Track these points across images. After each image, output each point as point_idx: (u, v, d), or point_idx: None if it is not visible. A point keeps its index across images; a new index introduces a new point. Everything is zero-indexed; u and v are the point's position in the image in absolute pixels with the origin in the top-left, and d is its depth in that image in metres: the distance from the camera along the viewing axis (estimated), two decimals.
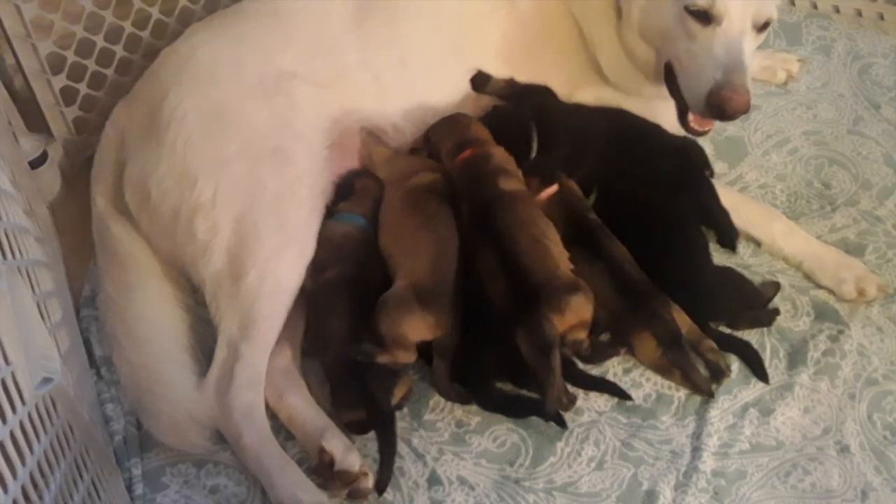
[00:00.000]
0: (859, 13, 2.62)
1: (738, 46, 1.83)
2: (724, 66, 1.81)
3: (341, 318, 1.76)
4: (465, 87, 2.13)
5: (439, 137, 2.03)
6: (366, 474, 1.66)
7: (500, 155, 1.97)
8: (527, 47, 2.14)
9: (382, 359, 1.69)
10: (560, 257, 1.79)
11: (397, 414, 1.75)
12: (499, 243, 1.78)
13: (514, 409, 1.77)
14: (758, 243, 2.05)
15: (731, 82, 1.80)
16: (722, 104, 1.81)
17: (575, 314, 1.69)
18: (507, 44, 2.14)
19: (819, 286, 1.98)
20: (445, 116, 2.06)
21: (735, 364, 1.84)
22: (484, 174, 1.91)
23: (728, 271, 1.93)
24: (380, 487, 1.66)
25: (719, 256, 1.99)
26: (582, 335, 1.72)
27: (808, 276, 2.00)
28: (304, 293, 1.82)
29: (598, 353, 1.81)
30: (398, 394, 1.73)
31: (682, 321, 1.78)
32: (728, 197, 2.04)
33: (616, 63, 2.10)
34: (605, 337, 1.82)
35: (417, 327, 1.70)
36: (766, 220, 2.04)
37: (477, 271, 1.79)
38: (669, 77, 1.97)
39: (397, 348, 1.70)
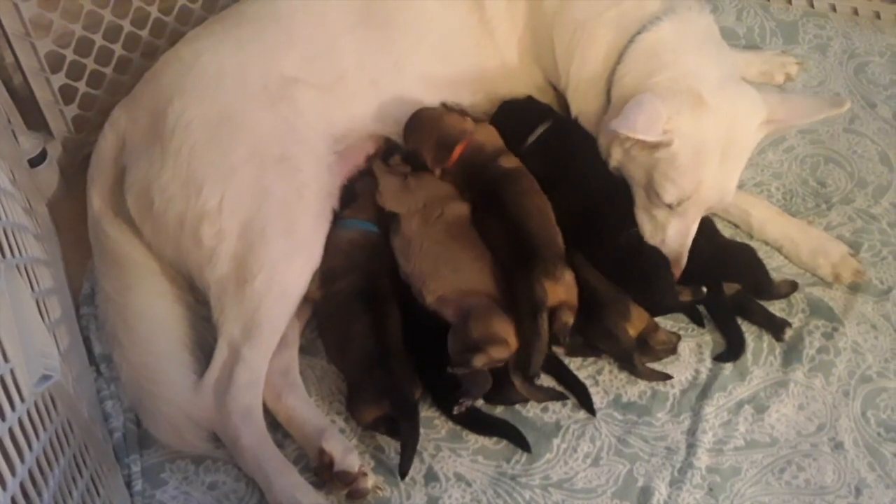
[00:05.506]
0: (855, 11, 2.61)
1: (685, 237, 1.83)
2: (666, 248, 1.83)
3: (361, 318, 1.79)
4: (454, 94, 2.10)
5: (417, 142, 1.99)
6: (365, 474, 1.67)
7: (489, 139, 1.99)
8: (498, 54, 2.11)
9: (479, 360, 1.69)
10: (558, 232, 1.83)
11: None
12: (504, 211, 1.84)
13: (481, 426, 1.78)
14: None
15: None
16: None
17: (564, 288, 1.73)
18: (482, 49, 2.10)
19: (814, 282, 1.99)
20: (409, 119, 2.01)
21: (729, 362, 1.85)
22: (485, 160, 1.95)
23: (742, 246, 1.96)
24: (402, 471, 1.68)
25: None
26: (570, 319, 1.74)
27: (793, 263, 2.02)
28: (306, 300, 1.84)
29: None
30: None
31: (639, 316, 1.78)
32: None
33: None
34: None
35: (505, 327, 1.73)
36: (742, 210, 2.06)
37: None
38: None
39: (491, 345, 1.70)
